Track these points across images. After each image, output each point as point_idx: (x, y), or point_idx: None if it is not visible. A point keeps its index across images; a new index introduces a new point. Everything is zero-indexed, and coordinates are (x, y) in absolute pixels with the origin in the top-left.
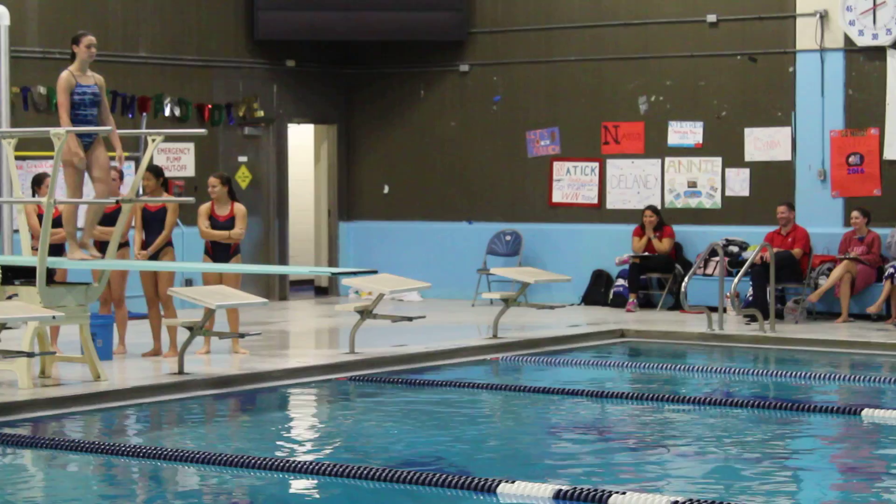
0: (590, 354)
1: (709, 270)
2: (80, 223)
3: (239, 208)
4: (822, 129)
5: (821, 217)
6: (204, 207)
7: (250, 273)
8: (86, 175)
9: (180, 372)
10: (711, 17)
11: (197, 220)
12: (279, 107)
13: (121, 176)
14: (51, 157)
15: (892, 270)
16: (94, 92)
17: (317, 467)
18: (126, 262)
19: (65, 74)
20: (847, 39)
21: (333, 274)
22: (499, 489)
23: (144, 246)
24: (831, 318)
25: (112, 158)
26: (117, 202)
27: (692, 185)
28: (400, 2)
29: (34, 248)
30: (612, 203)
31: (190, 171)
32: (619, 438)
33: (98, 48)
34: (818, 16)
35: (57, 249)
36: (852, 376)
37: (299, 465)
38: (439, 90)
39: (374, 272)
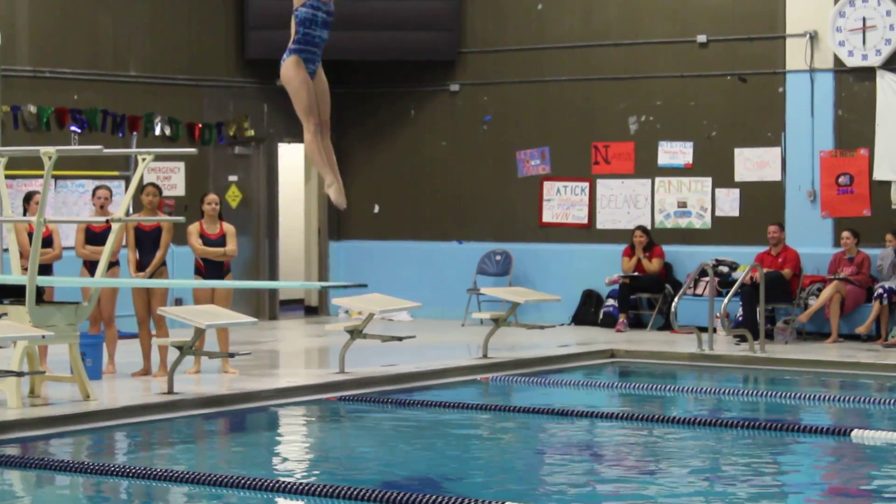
0: (580, 374)
1: (699, 291)
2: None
3: (228, 227)
4: (811, 149)
5: (810, 237)
6: (193, 227)
7: (242, 290)
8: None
9: (170, 392)
10: (701, 38)
11: (188, 240)
12: (270, 126)
13: (110, 194)
14: (40, 177)
15: (881, 291)
16: (328, 10)
17: (306, 488)
18: (119, 280)
19: None
20: (837, 60)
21: (323, 287)
22: None
23: (139, 265)
24: (821, 339)
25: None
26: (107, 221)
27: (682, 205)
28: (390, 21)
29: (24, 268)
30: (602, 223)
31: (180, 191)
32: (609, 459)
33: (88, 67)
34: (808, 36)
35: (46, 269)
36: (842, 397)
37: (288, 486)
38: (430, 110)
39: (364, 286)
